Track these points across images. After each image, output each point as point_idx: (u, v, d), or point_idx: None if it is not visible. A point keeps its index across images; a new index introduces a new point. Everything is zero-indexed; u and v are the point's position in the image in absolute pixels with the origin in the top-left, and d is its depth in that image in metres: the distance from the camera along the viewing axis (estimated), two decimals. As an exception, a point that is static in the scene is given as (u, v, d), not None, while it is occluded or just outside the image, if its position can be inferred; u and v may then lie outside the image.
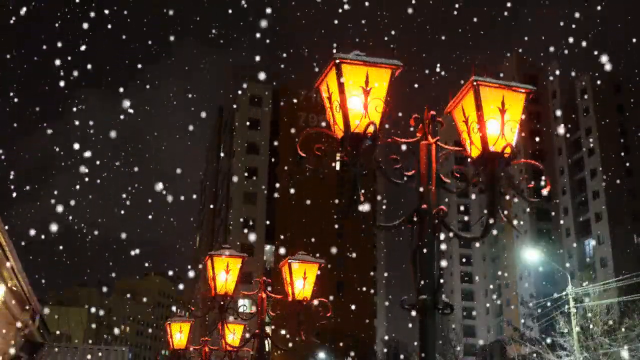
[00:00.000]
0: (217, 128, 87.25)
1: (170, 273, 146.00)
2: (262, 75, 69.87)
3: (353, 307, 60.53)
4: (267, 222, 69.50)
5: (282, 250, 58.22)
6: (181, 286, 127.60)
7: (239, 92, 74.71)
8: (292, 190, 65.09)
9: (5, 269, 12.32)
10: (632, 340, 31.00)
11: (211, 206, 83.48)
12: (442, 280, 4.20)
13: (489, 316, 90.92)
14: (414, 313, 4.08)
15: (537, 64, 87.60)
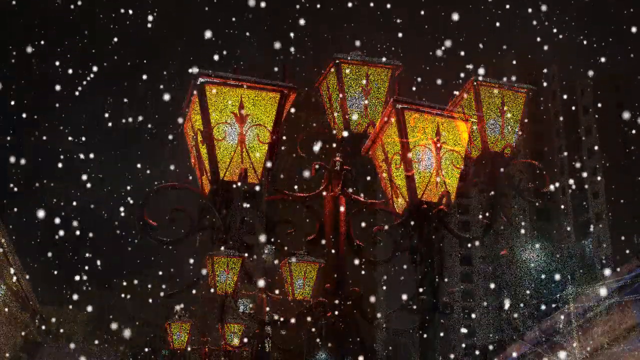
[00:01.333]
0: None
1: (170, 273, 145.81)
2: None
3: (353, 306, 60.44)
4: (267, 222, 69.47)
5: (281, 250, 58.04)
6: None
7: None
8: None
9: (5, 269, 12.32)
10: (632, 341, 30.96)
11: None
12: (443, 280, 4.20)
13: (489, 316, 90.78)
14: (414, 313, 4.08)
15: (537, 64, 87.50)
